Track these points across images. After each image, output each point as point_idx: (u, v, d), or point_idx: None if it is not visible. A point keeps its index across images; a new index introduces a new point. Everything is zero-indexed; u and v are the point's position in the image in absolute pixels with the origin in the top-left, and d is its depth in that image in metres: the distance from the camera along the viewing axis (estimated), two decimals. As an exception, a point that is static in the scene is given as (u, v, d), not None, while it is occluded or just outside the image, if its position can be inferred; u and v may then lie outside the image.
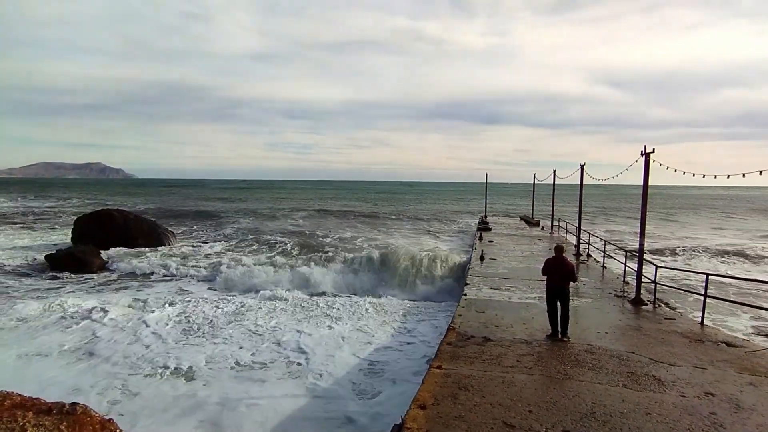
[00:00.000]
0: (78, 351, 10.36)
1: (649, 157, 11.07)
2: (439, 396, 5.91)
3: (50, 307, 13.25)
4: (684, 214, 55.95)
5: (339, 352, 10.28)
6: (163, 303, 14.19)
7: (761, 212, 60.48)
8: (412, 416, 5.36)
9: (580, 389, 6.20)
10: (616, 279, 14.31)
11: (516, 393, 6.05)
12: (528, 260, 17.06)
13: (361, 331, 11.90)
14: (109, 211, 26.93)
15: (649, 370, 6.95)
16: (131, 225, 25.17)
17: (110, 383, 8.66)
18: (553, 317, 8.49)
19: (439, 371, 6.76)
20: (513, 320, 9.59)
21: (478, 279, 13.80)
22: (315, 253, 22.52)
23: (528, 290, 12.39)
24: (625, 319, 9.97)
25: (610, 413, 5.53)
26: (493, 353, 7.60)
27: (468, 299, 11.43)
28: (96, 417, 2.37)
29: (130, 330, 11.70)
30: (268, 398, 8.09)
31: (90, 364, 9.67)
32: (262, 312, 13.46)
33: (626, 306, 11.12)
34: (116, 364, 9.63)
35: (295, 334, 11.51)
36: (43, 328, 11.81)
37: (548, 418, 5.38)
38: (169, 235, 27.02)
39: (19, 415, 2.22)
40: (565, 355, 7.54)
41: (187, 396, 8.19)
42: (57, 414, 2.20)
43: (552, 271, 8.55)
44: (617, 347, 8.01)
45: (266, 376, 9.07)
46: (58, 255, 20.15)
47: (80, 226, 25.27)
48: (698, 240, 31.24)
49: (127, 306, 13.90)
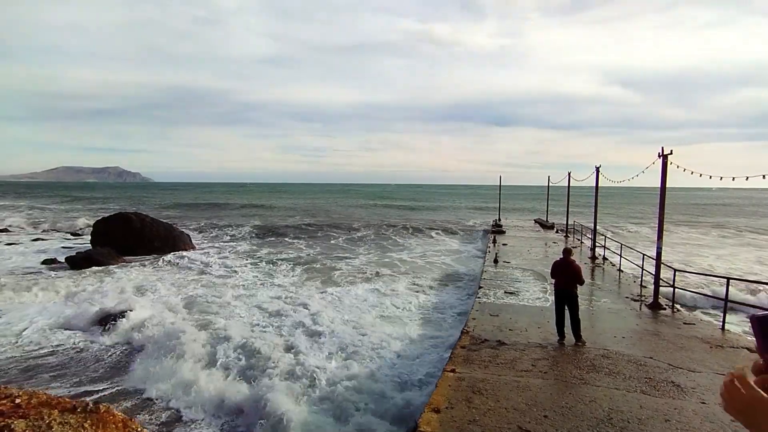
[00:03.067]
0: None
1: (667, 158, 10.89)
2: (453, 400, 5.88)
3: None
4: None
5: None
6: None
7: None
8: (426, 420, 5.35)
9: (596, 394, 6.11)
10: (632, 282, 14.08)
11: (531, 397, 5.99)
12: (542, 263, 16.88)
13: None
14: (126, 215, 27.42)
15: (668, 375, 6.82)
16: (148, 228, 25.60)
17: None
18: (560, 321, 8.41)
19: (453, 375, 6.74)
20: (527, 324, 9.50)
21: (491, 282, 13.71)
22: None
23: (542, 294, 12.26)
24: (642, 324, 9.79)
25: (627, 419, 5.44)
26: (507, 357, 7.54)
27: (482, 302, 11.36)
28: (118, 416, 2.44)
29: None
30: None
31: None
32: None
33: (644, 310, 10.93)
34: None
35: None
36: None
37: (564, 423, 5.32)
38: (186, 238, 27.40)
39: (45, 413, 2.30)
40: (581, 360, 7.44)
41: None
42: (81, 412, 2.27)
43: (559, 273, 8.50)
44: (634, 352, 7.88)
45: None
46: (78, 257, 20.60)
47: (99, 228, 25.81)
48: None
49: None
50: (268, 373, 8.57)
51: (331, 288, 16.19)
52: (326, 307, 13.48)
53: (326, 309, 13.19)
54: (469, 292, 15.16)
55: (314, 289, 16.21)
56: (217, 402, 7.93)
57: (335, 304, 13.91)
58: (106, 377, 9.23)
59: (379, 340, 10.39)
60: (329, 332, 11.03)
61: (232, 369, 8.97)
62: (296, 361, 9.04)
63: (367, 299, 14.59)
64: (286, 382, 8.18)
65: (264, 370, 8.73)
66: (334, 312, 12.96)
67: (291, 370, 8.65)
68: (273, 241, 30.00)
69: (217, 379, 8.60)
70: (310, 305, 13.47)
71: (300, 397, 7.65)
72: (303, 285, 16.94)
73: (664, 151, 10.92)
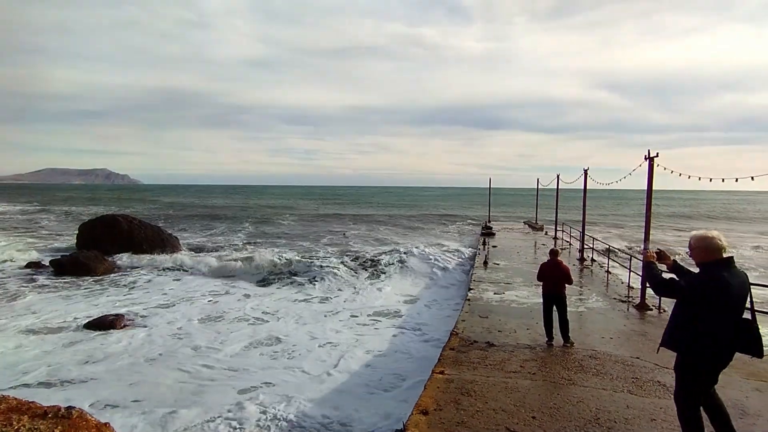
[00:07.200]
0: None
1: (653, 161, 11.02)
2: (441, 401, 5.86)
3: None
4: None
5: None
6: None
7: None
8: (414, 422, 5.32)
9: (584, 395, 6.13)
10: (620, 284, 14.20)
11: (519, 399, 5.99)
12: (532, 265, 16.95)
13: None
14: (113, 217, 27.02)
15: (654, 375, 6.86)
16: (136, 230, 25.25)
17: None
18: (549, 323, 8.43)
19: (442, 376, 6.71)
20: (516, 325, 9.53)
21: (481, 284, 13.74)
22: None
23: (532, 295, 12.31)
24: (629, 325, 9.87)
25: (614, 419, 5.46)
26: (496, 358, 7.54)
27: (471, 304, 11.37)
28: (92, 421, 2.36)
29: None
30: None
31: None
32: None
33: (631, 311, 11.02)
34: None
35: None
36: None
37: (552, 424, 5.32)
38: (173, 240, 27.09)
39: (14, 419, 2.22)
40: (569, 361, 7.46)
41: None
42: (52, 418, 2.19)
43: (548, 275, 8.48)
44: (622, 352, 7.93)
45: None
46: (63, 260, 20.25)
47: (85, 231, 25.41)
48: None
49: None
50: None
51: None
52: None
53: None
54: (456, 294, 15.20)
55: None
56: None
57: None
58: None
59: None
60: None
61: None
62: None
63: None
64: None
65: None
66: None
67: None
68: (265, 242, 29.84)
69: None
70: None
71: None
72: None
73: (650, 154, 11.06)
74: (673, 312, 4.24)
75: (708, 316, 3.85)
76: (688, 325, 3.97)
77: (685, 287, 4.00)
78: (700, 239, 4.03)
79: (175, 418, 7.36)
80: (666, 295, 4.66)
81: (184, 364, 9.89)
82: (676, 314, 4.15)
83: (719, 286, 3.79)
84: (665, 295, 5.71)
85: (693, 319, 3.93)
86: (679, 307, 4.12)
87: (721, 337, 3.86)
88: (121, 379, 8.96)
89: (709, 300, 3.83)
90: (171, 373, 9.30)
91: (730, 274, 3.84)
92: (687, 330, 3.99)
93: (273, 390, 8.48)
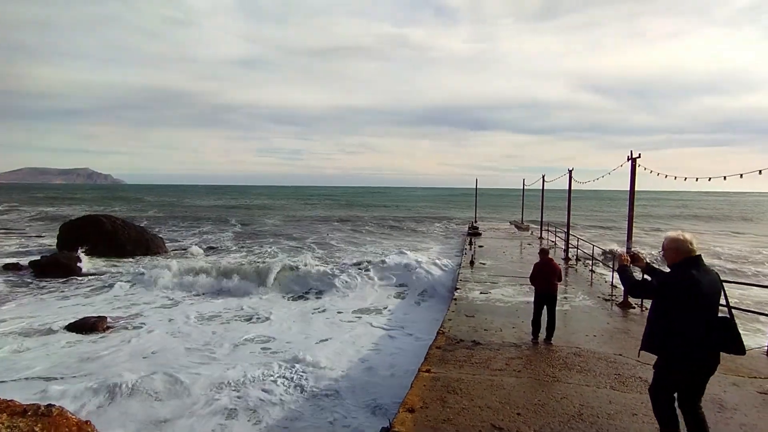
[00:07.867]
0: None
1: (636, 162, 11.24)
2: (427, 399, 5.89)
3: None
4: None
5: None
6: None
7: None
8: (400, 420, 5.34)
9: (568, 391, 6.22)
10: (604, 283, 14.44)
11: (504, 396, 6.05)
12: (517, 265, 17.15)
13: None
14: (96, 217, 26.52)
15: (635, 372, 6.99)
16: (119, 231, 24.82)
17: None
18: (537, 321, 8.52)
19: (428, 375, 6.75)
20: (502, 324, 9.62)
21: (467, 284, 13.83)
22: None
23: (517, 294, 12.44)
24: (613, 323, 10.04)
25: (597, 414, 5.55)
26: (482, 357, 7.60)
27: (458, 304, 11.44)
28: (72, 419, 2.32)
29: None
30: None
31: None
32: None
33: (614, 309, 11.21)
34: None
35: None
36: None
37: (536, 420, 5.39)
38: (158, 241, 26.70)
39: (-8, 418, 2.18)
40: (554, 358, 7.56)
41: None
42: (32, 416, 2.14)
43: (542, 275, 8.52)
44: (605, 350, 8.06)
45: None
46: (43, 261, 19.81)
47: (66, 231, 24.88)
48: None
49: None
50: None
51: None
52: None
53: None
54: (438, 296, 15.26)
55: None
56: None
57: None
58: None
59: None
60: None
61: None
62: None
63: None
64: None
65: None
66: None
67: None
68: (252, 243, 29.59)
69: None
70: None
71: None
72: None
73: (632, 155, 11.27)
74: (648, 317, 4.34)
75: (679, 314, 3.94)
76: (662, 325, 4.06)
77: (657, 286, 4.10)
78: (671, 240, 4.14)
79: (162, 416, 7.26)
80: (640, 296, 4.78)
81: (173, 363, 9.77)
82: (651, 318, 4.25)
83: (688, 284, 3.88)
84: (640, 296, 5.85)
85: (666, 319, 4.02)
86: (654, 310, 4.22)
87: (692, 335, 3.91)
88: (103, 381, 8.80)
89: (679, 298, 3.92)
90: (158, 375, 9.16)
91: (699, 272, 3.93)
92: (661, 329, 4.08)
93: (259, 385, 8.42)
